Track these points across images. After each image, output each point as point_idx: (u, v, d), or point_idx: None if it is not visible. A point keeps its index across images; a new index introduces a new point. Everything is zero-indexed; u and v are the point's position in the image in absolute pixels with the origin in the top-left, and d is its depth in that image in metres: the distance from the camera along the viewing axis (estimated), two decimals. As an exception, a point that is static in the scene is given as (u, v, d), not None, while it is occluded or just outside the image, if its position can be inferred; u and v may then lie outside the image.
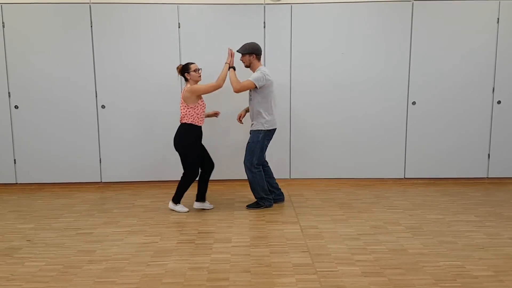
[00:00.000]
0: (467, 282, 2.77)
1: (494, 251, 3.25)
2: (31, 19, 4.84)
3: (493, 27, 4.95)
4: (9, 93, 4.95)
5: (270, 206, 4.30)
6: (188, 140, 4.07)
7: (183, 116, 4.06)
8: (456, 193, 4.78)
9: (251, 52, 4.11)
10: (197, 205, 4.28)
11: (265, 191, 4.27)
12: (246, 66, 4.19)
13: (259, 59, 4.17)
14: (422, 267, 2.99)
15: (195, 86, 4.03)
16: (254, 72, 4.13)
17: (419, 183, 5.18)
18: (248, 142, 4.22)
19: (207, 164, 4.27)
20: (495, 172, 5.20)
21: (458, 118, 5.12)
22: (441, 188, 4.97)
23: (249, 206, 4.30)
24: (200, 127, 4.13)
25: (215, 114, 4.43)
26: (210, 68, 4.96)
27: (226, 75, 4.09)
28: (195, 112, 4.05)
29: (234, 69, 4.12)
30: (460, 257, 3.14)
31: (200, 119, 4.10)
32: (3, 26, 4.83)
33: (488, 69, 5.02)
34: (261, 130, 4.14)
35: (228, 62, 4.12)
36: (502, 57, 4.99)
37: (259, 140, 4.15)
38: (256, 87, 4.02)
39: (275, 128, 4.25)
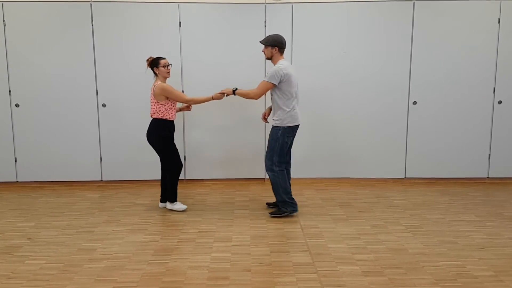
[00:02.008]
0: (467, 282, 2.77)
1: (495, 251, 3.25)
2: (32, 17, 4.84)
3: (494, 27, 4.95)
4: (10, 91, 4.95)
5: (294, 211, 4.02)
6: (162, 134, 4.02)
7: (154, 112, 4.00)
8: (457, 193, 4.78)
9: (273, 45, 3.90)
10: (161, 205, 4.29)
11: (288, 193, 3.98)
12: (268, 58, 3.98)
13: (282, 52, 3.93)
14: (423, 266, 2.99)
15: (169, 88, 3.94)
16: (274, 65, 3.93)
17: (420, 183, 5.18)
18: (268, 139, 4.03)
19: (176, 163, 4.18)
20: (496, 172, 5.20)
21: (459, 118, 5.12)
22: (441, 188, 4.97)
23: (273, 214, 4.03)
24: (172, 121, 4.08)
25: (188, 108, 4.31)
26: (210, 68, 4.98)
27: (201, 102, 4.10)
28: (165, 108, 3.99)
29: (236, 90, 3.98)
30: (460, 257, 3.14)
31: (171, 114, 4.04)
32: (4, 25, 4.83)
33: (489, 69, 5.02)
34: (280, 126, 3.90)
35: (213, 96, 4.08)
36: (503, 57, 4.99)
37: (278, 137, 3.90)
38: (275, 84, 3.83)
39: (297, 125, 3.98)
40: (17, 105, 4.98)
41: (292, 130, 3.96)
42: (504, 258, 3.13)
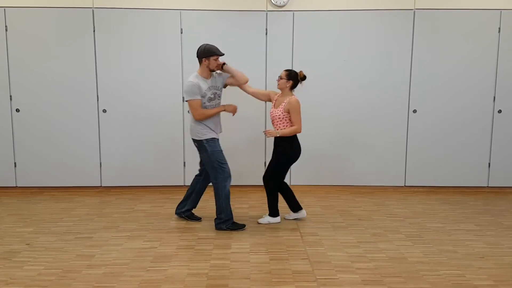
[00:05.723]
0: (467, 292, 2.77)
1: (494, 260, 3.24)
2: (34, 23, 4.86)
3: (494, 36, 4.97)
4: (10, 96, 4.96)
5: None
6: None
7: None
8: (456, 202, 4.78)
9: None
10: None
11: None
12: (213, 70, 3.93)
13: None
14: (422, 275, 2.98)
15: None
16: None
17: (420, 191, 5.17)
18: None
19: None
20: (496, 181, 5.20)
21: (458, 127, 5.12)
22: (441, 197, 4.97)
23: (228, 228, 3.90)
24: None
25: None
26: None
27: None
28: None
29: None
30: (460, 266, 3.13)
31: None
32: (6, 30, 4.85)
33: (489, 78, 5.04)
34: None
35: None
36: (503, 66, 5.01)
37: None
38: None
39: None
40: (17, 110, 4.98)
41: None
42: (504, 268, 3.12)
